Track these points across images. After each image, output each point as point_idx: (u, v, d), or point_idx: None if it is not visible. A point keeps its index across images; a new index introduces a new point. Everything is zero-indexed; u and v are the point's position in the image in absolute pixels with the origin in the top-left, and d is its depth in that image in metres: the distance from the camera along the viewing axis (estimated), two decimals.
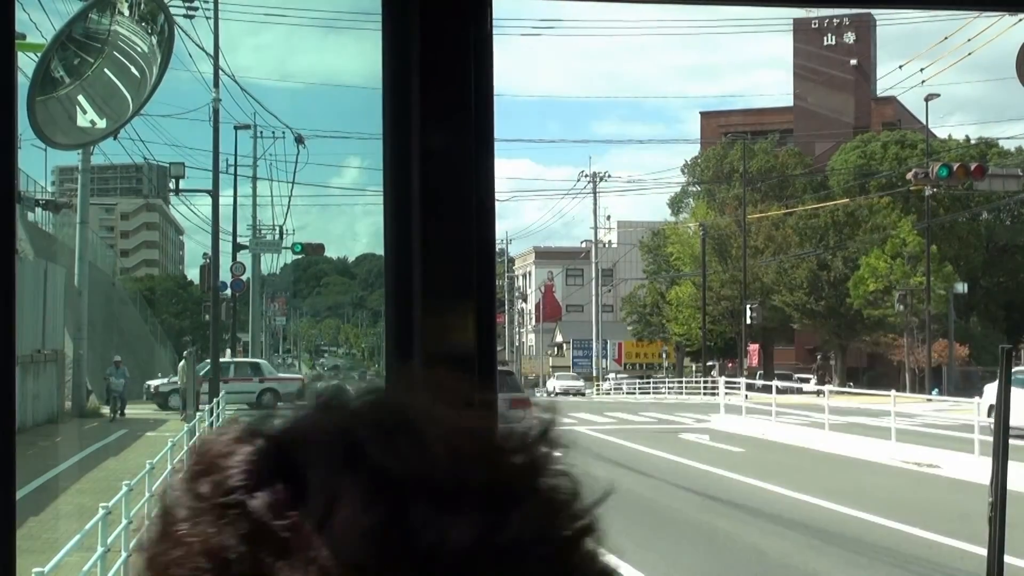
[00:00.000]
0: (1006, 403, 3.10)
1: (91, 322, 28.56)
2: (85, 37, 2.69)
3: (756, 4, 2.36)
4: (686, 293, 61.40)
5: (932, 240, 48.68)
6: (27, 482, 15.73)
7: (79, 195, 28.93)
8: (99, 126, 2.75)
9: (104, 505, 9.71)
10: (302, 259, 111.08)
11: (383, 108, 1.53)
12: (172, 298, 69.85)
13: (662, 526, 14.47)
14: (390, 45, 1.51)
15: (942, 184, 36.53)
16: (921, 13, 60.10)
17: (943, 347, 48.11)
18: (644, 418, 33.10)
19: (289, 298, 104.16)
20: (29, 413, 23.09)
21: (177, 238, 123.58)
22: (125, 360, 41.82)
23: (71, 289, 28.03)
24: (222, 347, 39.04)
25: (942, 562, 11.96)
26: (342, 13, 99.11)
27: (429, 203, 1.51)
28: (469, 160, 1.52)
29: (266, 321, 67.22)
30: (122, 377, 28.30)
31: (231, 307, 46.10)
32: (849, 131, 65.21)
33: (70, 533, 10.21)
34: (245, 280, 46.96)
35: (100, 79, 2.68)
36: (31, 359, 24.66)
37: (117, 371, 28.32)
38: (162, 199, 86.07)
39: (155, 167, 55.43)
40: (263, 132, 49.40)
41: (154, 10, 2.72)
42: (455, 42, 1.51)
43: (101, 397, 29.93)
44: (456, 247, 1.51)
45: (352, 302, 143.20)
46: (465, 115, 1.52)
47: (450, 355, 1.50)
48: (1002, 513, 3.08)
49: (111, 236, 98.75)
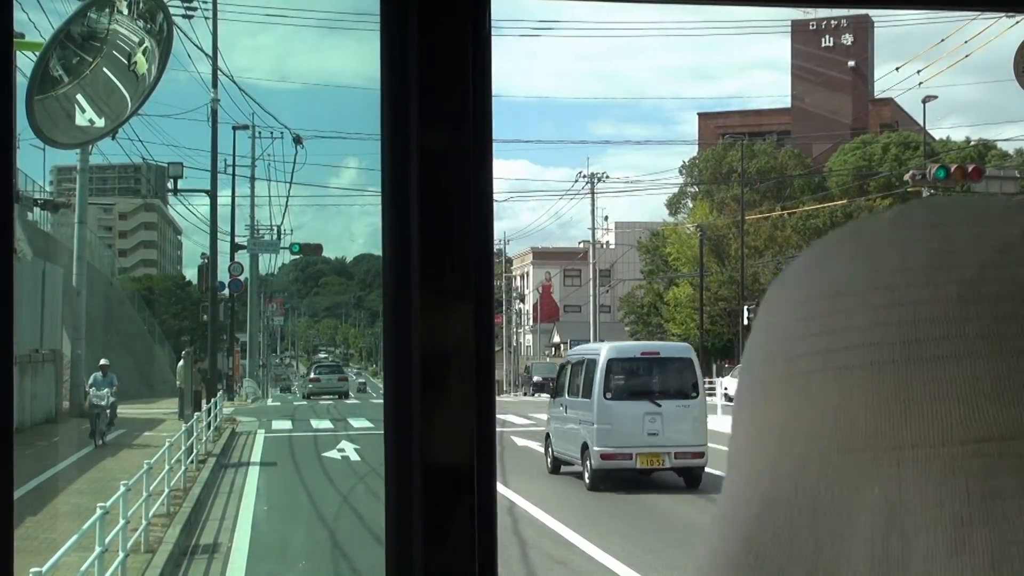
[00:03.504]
0: None
1: (89, 322, 28.50)
2: (84, 36, 2.69)
3: (754, 4, 2.36)
4: (684, 294, 61.40)
5: None
6: (25, 482, 15.72)
7: (77, 195, 28.91)
8: (97, 125, 2.75)
9: (102, 505, 9.72)
10: (300, 259, 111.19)
11: (381, 109, 1.53)
12: (170, 298, 69.77)
13: (659, 526, 14.47)
14: (388, 46, 1.52)
15: (939, 186, 36.55)
16: (919, 15, 60.20)
17: None
18: None
19: (287, 298, 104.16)
20: (27, 413, 23.06)
21: (175, 238, 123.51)
22: (124, 360, 41.62)
23: (69, 289, 28.01)
24: (220, 347, 39.03)
25: None
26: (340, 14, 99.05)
27: (427, 203, 1.51)
28: (467, 160, 1.52)
29: (264, 321, 67.22)
30: (108, 386, 22.66)
31: (229, 307, 46.08)
32: (847, 132, 65.28)
33: (68, 533, 10.21)
34: (243, 280, 46.97)
35: (99, 78, 2.68)
36: (29, 359, 24.64)
37: (103, 379, 22.89)
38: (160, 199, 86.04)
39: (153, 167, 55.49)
40: (261, 132, 49.51)
41: (153, 10, 2.71)
42: (454, 43, 1.51)
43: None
44: (454, 247, 1.52)
45: (350, 302, 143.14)
46: (463, 116, 1.52)
47: (448, 355, 1.51)
48: None
49: (109, 236, 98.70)
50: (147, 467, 12.62)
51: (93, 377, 23.11)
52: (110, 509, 9.93)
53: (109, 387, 22.45)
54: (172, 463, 15.14)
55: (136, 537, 11.41)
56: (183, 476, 16.35)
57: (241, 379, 47.88)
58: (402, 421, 1.52)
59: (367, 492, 16.43)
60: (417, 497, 1.51)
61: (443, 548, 1.51)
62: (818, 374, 0.49)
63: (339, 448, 21.93)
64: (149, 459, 13.30)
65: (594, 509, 15.63)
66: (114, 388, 22.71)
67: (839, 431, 0.48)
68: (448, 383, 1.50)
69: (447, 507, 1.51)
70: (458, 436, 1.49)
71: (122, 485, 10.80)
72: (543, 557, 12.36)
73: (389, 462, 1.54)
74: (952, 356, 0.46)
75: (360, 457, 20.67)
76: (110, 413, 22.45)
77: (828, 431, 0.48)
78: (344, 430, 26.92)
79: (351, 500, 16.11)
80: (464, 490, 1.51)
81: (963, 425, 0.45)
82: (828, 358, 0.49)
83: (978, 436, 0.45)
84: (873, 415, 0.46)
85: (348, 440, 23.36)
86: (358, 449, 21.71)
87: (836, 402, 0.48)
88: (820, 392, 0.49)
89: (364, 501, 15.63)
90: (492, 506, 1.54)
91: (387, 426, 1.54)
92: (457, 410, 1.49)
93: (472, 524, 1.52)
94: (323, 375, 48.51)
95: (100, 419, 21.74)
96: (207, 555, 12.43)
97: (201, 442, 20.07)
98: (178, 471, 16.04)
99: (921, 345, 0.46)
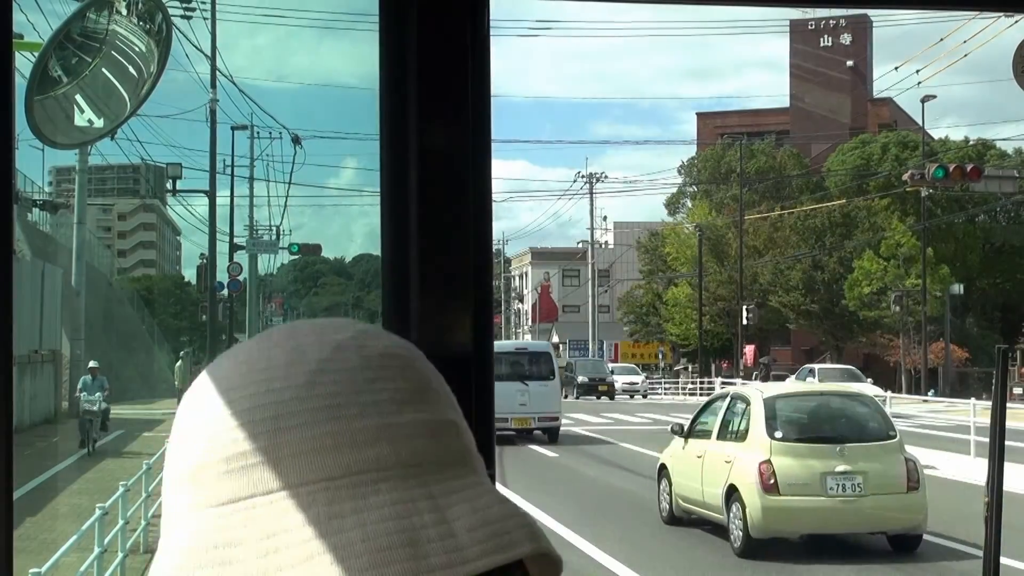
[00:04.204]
0: (1002, 404, 3.11)
1: (88, 322, 28.48)
2: (83, 36, 2.69)
3: (753, 4, 2.37)
4: (683, 294, 61.41)
5: (929, 241, 48.69)
6: (24, 483, 15.72)
7: (76, 195, 28.90)
8: (96, 126, 2.75)
9: (101, 505, 9.71)
10: (299, 259, 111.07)
11: (380, 108, 1.53)
12: (169, 298, 69.83)
13: (658, 527, 14.47)
14: (387, 46, 1.51)
15: (938, 185, 36.57)
16: (917, 15, 60.18)
17: (940, 348, 48.12)
18: (640, 419, 33.09)
19: (286, 298, 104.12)
20: (26, 413, 23.06)
21: (174, 238, 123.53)
22: (123, 360, 41.60)
23: (68, 289, 28.00)
24: (219, 348, 39.00)
25: (939, 562, 11.97)
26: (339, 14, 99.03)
27: (426, 204, 1.51)
28: (466, 160, 1.52)
29: (263, 321, 67.19)
30: (99, 389, 21.20)
31: (228, 307, 46.06)
32: (845, 132, 65.29)
33: (67, 533, 10.20)
34: (242, 280, 46.95)
35: (97, 79, 2.68)
36: (28, 359, 24.65)
37: (93, 383, 21.31)
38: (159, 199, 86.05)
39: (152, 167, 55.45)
40: (260, 133, 49.44)
41: (152, 10, 2.72)
42: (452, 43, 1.51)
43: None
44: (453, 247, 1.52)
45: (349, 302, 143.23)
46: (462, 116, 1.52)
47: (447, 356, 1.50)
48: (998, 514, 3.09)
49: (108, 236, 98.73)
50: (146, 467, 12.63)
51: (82, 381, 21.60)
52: (109, 510, 9.93)
53: (100, 391, 21.20)
54: None
55: (135, 537, 11.41)
56: None
57: None
58: None
59: None
60: None
61: None
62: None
63: None
64: (148, 460, 13.29)
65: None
66: (106, 392, 21.56)
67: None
68: (447, 383, 1.50)
69: None
70: None
71: (121, 485, 10.80)
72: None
73: None
74: (305, 424, 0.65)
75: None
76: (102, 418, 21.18)
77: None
78: None
79: None
80: None
81: (314, 470, 0.64)
82: (253, 427, 0.66)
83: (324, 476, 0.64)
84: (272, 462, 0.65)
85: None
86: None
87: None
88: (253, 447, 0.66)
89: None
90: None
91: None
92: None
93: None
94: None
95: (92, 425, 20.45)
96: None
97: None
98: None
99: (284, 418, 0.65)
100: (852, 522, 12.74)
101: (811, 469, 12.62)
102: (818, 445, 12.93)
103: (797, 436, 13.14)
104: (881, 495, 12.59)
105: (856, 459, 12.70)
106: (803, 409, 13.98)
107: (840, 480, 12.53)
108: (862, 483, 12.54)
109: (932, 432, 25.43)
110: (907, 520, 12.71)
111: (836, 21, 68.69)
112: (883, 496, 12.60)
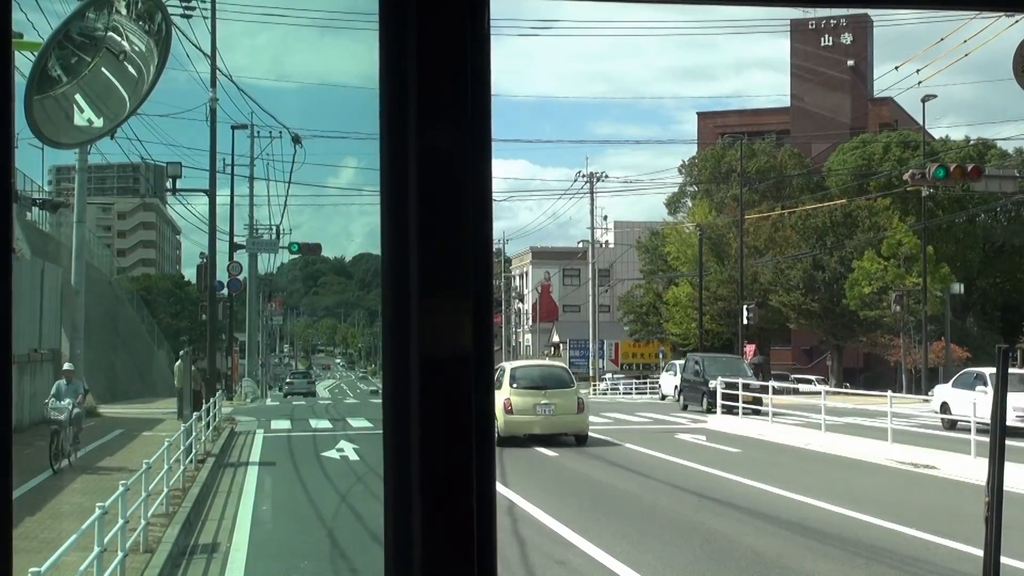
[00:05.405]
0: (1002, 404, 3.11)
1: (88, 322, 28.47)
2: (82, 36, 2.69)
3: (753, 4, 2.36)
4: (683, 293, 61.39)
5: (929, 241, 48.68)
6: (24, 482, 15.73)
7: (76, 194, 28.89)
8: (96, 125, 2.75)
9: (100, 505, 9.71)
10: (299, 259, 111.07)
11: (380, 108, 1.53)
12: (169, 298, 69.77)
13: (658, 527, 14.46)
14: (387, 45, 1.51)
15: (939, 185, 36.55)
16: (918, 15, 60.17)
17: (940, 348, 48.10)
18: (640, 418, 33.09)
19: (286, 298, 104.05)
20: (26, 413, 23.08)
21: (174, 238, 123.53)
22: (122, 360, 41.55)
23: (68, 288, 28.01)
24: (219, 347, 39.01)
25: (939, 563, 11.96)
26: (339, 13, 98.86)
27: (426, 203, 1.51)
28: (466, 160, 1.52)
29: (263, 321, 67.20)
30: (72, 395, 18.20)
31: (228, 307, 46.07)
32: (846, 132, 65.28)
33: (67, 533, 10.20)
34: (242, 280, 46.98)
35: (97, 78, 2.68)
36: (28, 359, 24.66)
37: (67, 387, 18.32)
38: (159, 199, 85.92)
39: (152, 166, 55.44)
40: (260, 132, 49.59)
41: (151, 9, 2.71)
42: (452, 42, 1.51)
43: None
44: (453, 247, 1.51)
45: (349, 302, 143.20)
46: (462, 115, 1.52)
47: (447, 355, 1.50)
48: (998, 514, 3.09)
49: (108, 235, 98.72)
50: (146, 467, 12.63)
51: (56, 385, 18.53)
52: (109, 509, 9.93)
53: (73, 396, 18.15)
54: (171, 462, 15.13)
55: (135, 537, 11.41)
56: (182, 476, 16.36)
57: (240, 379, 47.92)
58: (401, 420, 1.51)
59: (366, 492, 16.44)
60: (416, 497, 1.50)
61: (442, 548, 1.51)
62: None
63: (338, 448, 21.94)
64: (148, 459, 13.29)
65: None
66: (80, 398, 18.69)
67: None
68: (447, 382, 1.50)
69: (446, 507, 1.51)
70: (457, 435, 1.49)
71: (121, 485, 10.80)
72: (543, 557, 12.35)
73: (388, 462, 1.54)
74: None
75: (359, 457, 20.68)
76: (73, 430, 17.95)
77: None
78: (343, 430, 26.93)
79: (350, 500, 16.12)
80: (463, 490, 1.51)
81: None
82: None
83: None
84: None
85: (347, 440, 23.37)
86: (357, 449, 21.72)
87: None
88: None
89: (363, 501, 15.63)
90: (491, 506, 1.54)
91: (386, 425, 1.54)
92: (456, 410, 1.49)
93: (471, 524, 1.52)
94: (296, 379, 61.25)
95: (61, 437, 17.37)
96: (206, 555, 12.43)
97: (200, 442, 20.06)
98: (177, 471, 16.04)
99: None
100: (550, 427, 23.59)
101: (530, 401, 23.52)
102: (534, 389, 23.83)
103: (525, 385, 23.92)
104: (564, 415, 23.76)
105: (553, 397, 23.73)
106: (529, 373, 24.99)
107: (544, 407, 23.52)
108: (555, 408, 23.62)
109: (932, 432, 25.43)
110: (577, 427, 23.89)
111: (837, 21, 68.66)
112: (565, 416, 23.72)
